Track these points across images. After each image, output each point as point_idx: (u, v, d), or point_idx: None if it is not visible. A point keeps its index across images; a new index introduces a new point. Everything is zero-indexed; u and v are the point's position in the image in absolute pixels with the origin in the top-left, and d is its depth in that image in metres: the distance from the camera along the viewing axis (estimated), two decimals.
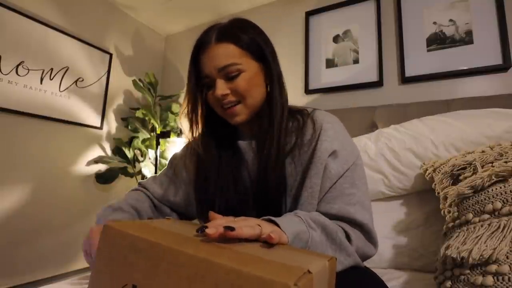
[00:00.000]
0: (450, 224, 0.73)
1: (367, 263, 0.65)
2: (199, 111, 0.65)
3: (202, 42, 0.60)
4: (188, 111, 0.65)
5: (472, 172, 0.74)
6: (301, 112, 0.64)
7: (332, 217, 0.54)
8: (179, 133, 1.90)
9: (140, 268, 0.33)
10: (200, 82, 0.62)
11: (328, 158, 0.56)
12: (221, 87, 0.58)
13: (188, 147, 0.76)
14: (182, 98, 2.25)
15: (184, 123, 0.67)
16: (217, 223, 0.36)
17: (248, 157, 0.64)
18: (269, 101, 0.62)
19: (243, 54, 0.59)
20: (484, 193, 0.67)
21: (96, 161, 1.89)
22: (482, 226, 0.63)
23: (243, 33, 0.60)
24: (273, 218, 0.43)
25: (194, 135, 0.66)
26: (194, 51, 0.62)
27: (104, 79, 1.99)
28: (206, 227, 0.35)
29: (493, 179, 0.67)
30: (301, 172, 0.58)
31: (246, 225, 0.37)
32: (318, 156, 0.56)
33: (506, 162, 0.69)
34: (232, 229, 0.34)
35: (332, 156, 0.57)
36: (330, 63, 1.67)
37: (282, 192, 0.57)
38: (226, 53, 0.58)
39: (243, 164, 0.65)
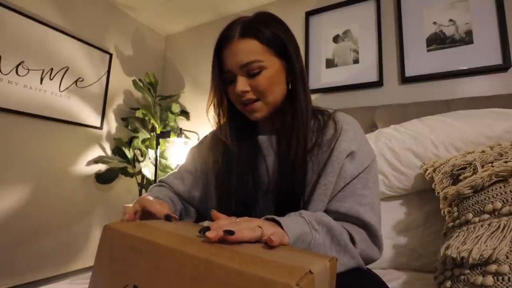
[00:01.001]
0: (450, 224, 0.73)
1: None
2: (225, 104, 0.66)
3: (226, 36, 0.60)
4: (214, 104, 0.66)
5: (472, 172, 0.74)
6: (323, 112, 0.64)
7: (341, 215, 0.54)
8: (179, 133, 1.90)
9: (141, 268, 0.33)
10: (222, 76, 0.63)
11: (345, 159, 0.56)
12: (242, 84, 0.58)
13: (207, 139, 0.77)
14: (182, 98, 2.26)
15: (211, 116, 0.68)
16: (219, 225, 0.36)
17: (267, 152, 0.64)
18: (292, 98, 0.61)
19: (266, 50, 0.59)
20: (484, 193, 0.67)
21: (96, 161, 1.89)
22: (482, 226, 0.63)
23: (267, 29, 0.59)
24: (276, 218, 0.43)
25: (223, 129, 0.67)
26: (218, 45, 0.62)
27: (104, 79, 1.99)
28: (208, 228, 0.35)
29: (493, 179, 0.67)
30: (317, 170, 0.58)
31: (247, 227, 0.37)
32: (336, 155, 0.56)
33: (506, 162, 0.69)
34: (232, 233, 0.34)
35: (349, 157, 0.57)
36: (330, 63, 1.67)
37: (303, 189, 0.57)
38: (249, 49, 0.58)
39: (261, 158, 0.64)
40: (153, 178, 1.73)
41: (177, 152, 1.97)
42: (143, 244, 0.34)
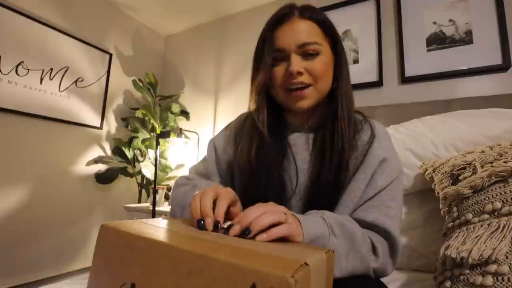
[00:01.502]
0: (450, 224, 0.73)
1: None
2: (265, 98, 0.61)
3: (283, 14, 0.58)
4: (258, 86, 0.59)
5: (471, 172, 0.74)
6: (359, 113, 0.63)
7: (366, 224, 0.52)
8: (179, 133, 1.90)
9: (138, 266, 0.33)
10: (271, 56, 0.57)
11: (377, 167, 0.55)
12: (297, 64, 0.55)
13: (231, 129, 0.72)
14: (182, 98, 2.26)
15: (252, 101, 0.62)
16: (247, 216, 0.37)
17: (299, 151, 0.61)
18: (336, 96, 0.59)
19: (323, 36, 0.57)
20: (484, 193, 0.67)
21: (96, 161, 1.89)
22: (481, 226, 0.63)
23: (324, 16, 0.59)
24: (296, 215, 0.42)
25: (260, 115, 0.60)
26: (272, 21, 0.59)
27: (104, 79, 1.99)
28: (232, 224, 0.37)
29: (492, 179, 0.67)
30: (349, 175, 0.56)
31: (272, 211, 0.38)
32: (369, 162, 0.55)
33: (505, 162, 0.69)
34: (247, 232, 0.36)
35: (381, 165, 0.55)
36: None
37: (335, 193, 0.55)
38: (309, 30, 0.56)
39: (291, 158, 0.61)
40: (153, 178, 1.73)
41: (177, 152, 1.97)
42: (139, 241, 0.34)
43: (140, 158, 2.06)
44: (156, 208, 1.62)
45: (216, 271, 0.27)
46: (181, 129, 1.92)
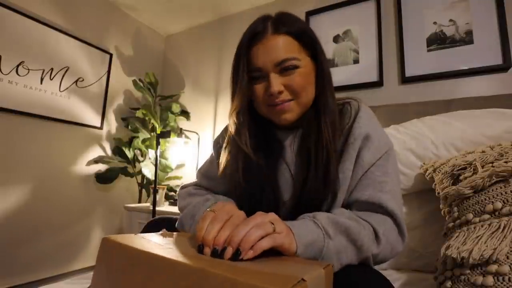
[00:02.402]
0: (450, 224, 0.73)
1: None
2: (247, 110, 0.60)
3: (256, 32, 0.56)
4: (237, 109, 0.59)
5: (472, 172, 0.74)
6: (346, 102, 0.62)
7: (362, 204, 0.53)
8: (179, 133, 1.90)
9: (138, 280, 0.33)
10: (249, 76, 0.57)
11: (361, 144, 0.55)
12: (277, 84, 0.54)
13: (222, 142, 0.70)
14: (182, 98, 2.26)
15: (231, 122, 0.61)
16: (235, 237, 0.36)
17: (287, 156, 0.62)
18: (320, 103, 0.58)
19: (300, 47, 0.56)
20: (485, 193, 0.67)
21: (96, 161, 1.89)
22: (482, 226, 0.63)
23: (298, 25, 0.57)
24: (287, 223, 0.42)
25: (242, 136, 0.60)
26: (245, 41, 0.57)
27: (104, 79, 1.99)
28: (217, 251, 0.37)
29: (493, 179, 0.66)
30: (335, 162, 0.56)
31: (257, 225, 0.38)
32: (352, 141, 0.55)
33: (506, 162, 0.68)
34: (237, 256, 0.35)
35: (365, 141, 0.55)
36: (330, 63, 1.67)
37: (328, 193, 0.55)
38: (285, 46, 0.54)
39: (284, 165, 0.61)
40: (153, 178, 1.73)
41: (177, 152, 1.97)
42: (140, 255, 0.35)
43: (141, 158, 2.06)
44: (156, 208, 1.62)
45: (214, 286, 0.28)
46: (181, 129, 1.92)
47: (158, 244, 0.39)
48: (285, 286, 0.25)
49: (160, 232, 0.49)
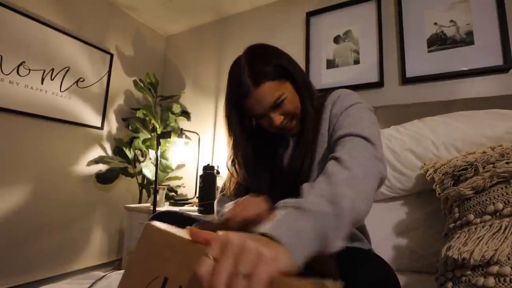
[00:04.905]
0: (451, 225, 0.73)
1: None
2: (246, 153, 0.72)
3: (242, 92, 0.65)
4: (236, 160, 0.73)
5: (473, 173, 0.74)
6: (327, 92, 0.74)
7: (341, 137, 0.58)
8: (180, 133, 1.90)
9: (174, 262, 0.36)
10: (246, 123, 0.72)
11: (333, 104, 0.67)
12: (277, 118, 0.67)
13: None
14: (183, 98, 2.26)
15: (231, 168, 0.76)
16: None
17: (284, 151, 0.75)
18: (302, 103, 0.70)
19: (279, 83, 0.66)
20: (486, 194, 0.67)
21: (97, 161, 1.89)
22: (483, 227, 0.63)
23: (269, 66, 0.65)
24: (276, 239, 0.34)
25: (239, 177, 0.74)
26: (234, 99, 0.68)
27: (105, 79, 1.99)
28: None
29: (494, 180, 0.66)
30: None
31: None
32: (325, 105, 0.68)
33: (507, 163, 0.68)
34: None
35: (336, 100, 0.68)
36: (330, 64, 1.67)
37: (306, 172, 0.65)
38: (269, 91, 0.64)
39: (282, 158, 0.74)
40: (154, 179, 1.73)
41: (178, 152, 1.97)
42: (179, 241, 0.37)
43: (141, 158, 2.06)
44: (157, 208, 1.62)
45: None
46: (181, 129, 1.92)
47: None
48: (312, 284, 0.28)
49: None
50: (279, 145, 0.76)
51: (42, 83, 1.65)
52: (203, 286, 0.28)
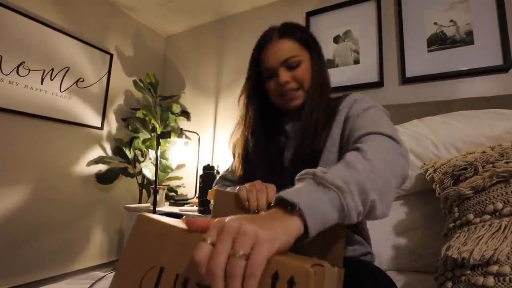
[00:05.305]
0: (451, 225, 0.73)
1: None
2: (253, 104, 0.74)
3: (266, 38, 0.70)
4: (245, 102, 0.75)
5: (473, 173, 0.74)
6: (342, 96, 0.73)
7: (359, 138, 0.54)
8: (180, 134, 1.90)
9: (168, 251, 0.36)
10: (260, 77, 0.72)
11: (349, 107, 0.66)
12: (284, 75, 0.68)
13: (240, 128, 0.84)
14: (183, 98, 2.26)
15: (240, 111, 0.77)
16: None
17: (292, 136, 0.73)
18: (310, 86, 0.70)
19: (300, 47, 0.69)
20: (485, 193, 0.67)
21: (97, 161, 1.89)
22: (483, 226, 0.63)
23: (299, 31, 0.71)
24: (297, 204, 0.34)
25: (247, 124, 0.75)
26: (257, 46, 0.72)
27: (104, 79, 1.99)
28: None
29: (494, 180, 0.66)
30: (325, 135, 0.66)
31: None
32: (339, 109, 0.67)
33: (507, 162, 0.68)
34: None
35: (352, 104, 0.66)
36: (330, 64, 1.67)
37: (316, 153, 0.65)
38: (289, 47, 0.68)
39: (285, 144, 0.73)
40: (154, 179, 1.73)
41: (178, 152, 1.97)
42: (172, 230, 0.37)
43: (141, 159, 2.06)
44: (157, 209, 1.62)
45: None
46: (181, 129, 1.92)
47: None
48: (307, 264, 0.28)
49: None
50: (279, 140, 0.75)
51: (42, 83, 1.65)
52: (200, 271, 0.28)
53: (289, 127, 0.75)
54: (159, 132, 1.95)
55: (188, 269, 0.34)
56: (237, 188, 0.54)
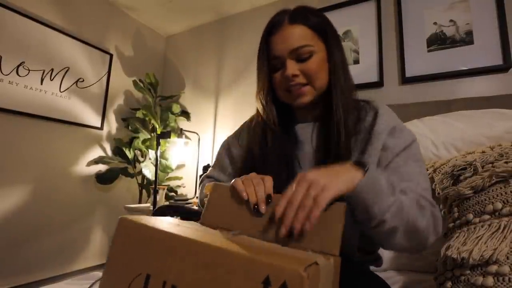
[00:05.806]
0: (450, 225, 0.73)
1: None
2: (270, 92, 0.65)
3: (275, 22, 0.61)
4: (263, 91, 0.65)
5: (472, 173, 0.74)
6: (364, 101, 0.67)
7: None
8: (180, 134, 1.90)
9: (155, 257, 0.34)
10: (270, 63, 0.62)
11: (387, 136, 0.57)
12: (292, 68, 0.58)
13: (243, 127, 0.77)
14: (183, 98, 2.26)
15: (258, 103, 0.67)
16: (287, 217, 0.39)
17: (305, 140, 0.64)
18: (333, 86, 0.61)
19: (314, 36, 0.59)
20: (485, 193, 0.67)
21: (97, 161, 1.89)
22: (482, 226, 0.63)
23: (313, 15, 0.61)
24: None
25: (268, 114, 0.66)
26: (266, 31, 0.62)
27: (104, 79, 1.99)
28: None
29: (493, 180, 0.66)
30: (357, 153, 0.58)
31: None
32: (376, 135, 0.57)
33: (506, 162, 0.68)
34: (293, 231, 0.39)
35: (392, 132, 0.58)
36: None
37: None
38: (299, 34, 0.58)
39: (298, 147, 0.65)
40: (154, 179, 1.73)
41: (178, 153, 1.97)
42: (158, 234, 0.35)
43: (141, 159, 2.06)
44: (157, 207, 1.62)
45: (231, 264, 0.29)
46: (181, 129, 1.92)
47: (174, 224, 0.40)
48: (300, 265, 0.26)
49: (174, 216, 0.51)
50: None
51: (41, 83, 1.65)
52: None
53: (299, 128, 0.67)
54: (159, 132, 1.95)
55: (176, 276, 0.32)
56: (233, 180, 0.49)
